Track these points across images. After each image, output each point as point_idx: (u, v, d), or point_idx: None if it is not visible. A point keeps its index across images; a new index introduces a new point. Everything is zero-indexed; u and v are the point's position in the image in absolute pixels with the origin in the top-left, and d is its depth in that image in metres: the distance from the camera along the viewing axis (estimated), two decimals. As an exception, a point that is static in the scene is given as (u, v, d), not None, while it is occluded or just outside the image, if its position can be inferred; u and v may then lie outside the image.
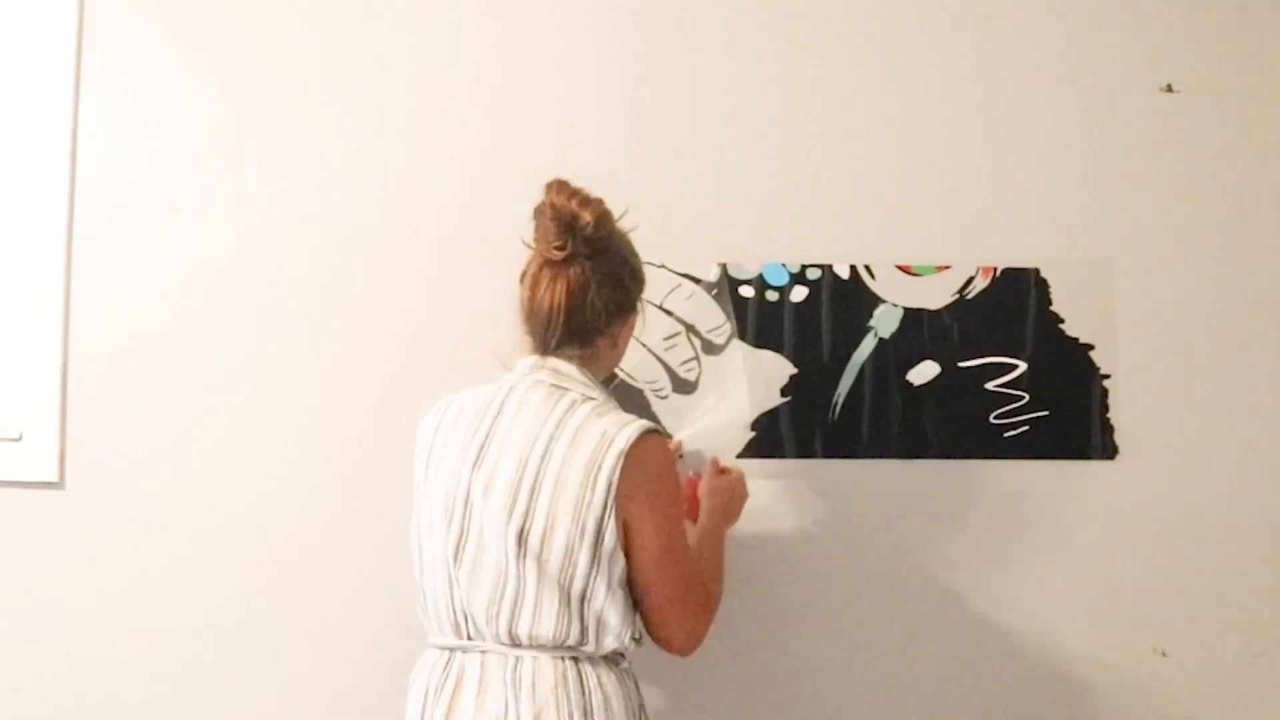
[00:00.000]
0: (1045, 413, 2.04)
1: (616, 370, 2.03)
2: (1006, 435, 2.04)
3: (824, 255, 2.05)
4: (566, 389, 1.58)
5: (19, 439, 2.02)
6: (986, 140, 2.08)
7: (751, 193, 2.07)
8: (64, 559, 2.01)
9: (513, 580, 1.50)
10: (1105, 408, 2.05)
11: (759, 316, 2.05)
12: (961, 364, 2.04)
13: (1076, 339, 2.05)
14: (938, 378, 2.04)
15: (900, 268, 2.05)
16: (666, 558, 1.53)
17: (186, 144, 2.06)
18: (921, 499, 2.03)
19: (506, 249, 2.03)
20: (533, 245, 1.62)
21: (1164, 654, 2.03)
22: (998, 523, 2.03)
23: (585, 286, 1.58)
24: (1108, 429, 2.04)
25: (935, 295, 2.05)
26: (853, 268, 2.05)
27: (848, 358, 2.04)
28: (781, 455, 2.03)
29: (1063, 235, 2.07)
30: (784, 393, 2.04)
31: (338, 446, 2.03)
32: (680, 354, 2.04)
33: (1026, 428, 2.04)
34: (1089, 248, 2.07)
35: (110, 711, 2.00)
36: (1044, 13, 2.09)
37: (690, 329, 2.04)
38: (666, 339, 2.04)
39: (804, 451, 2.03)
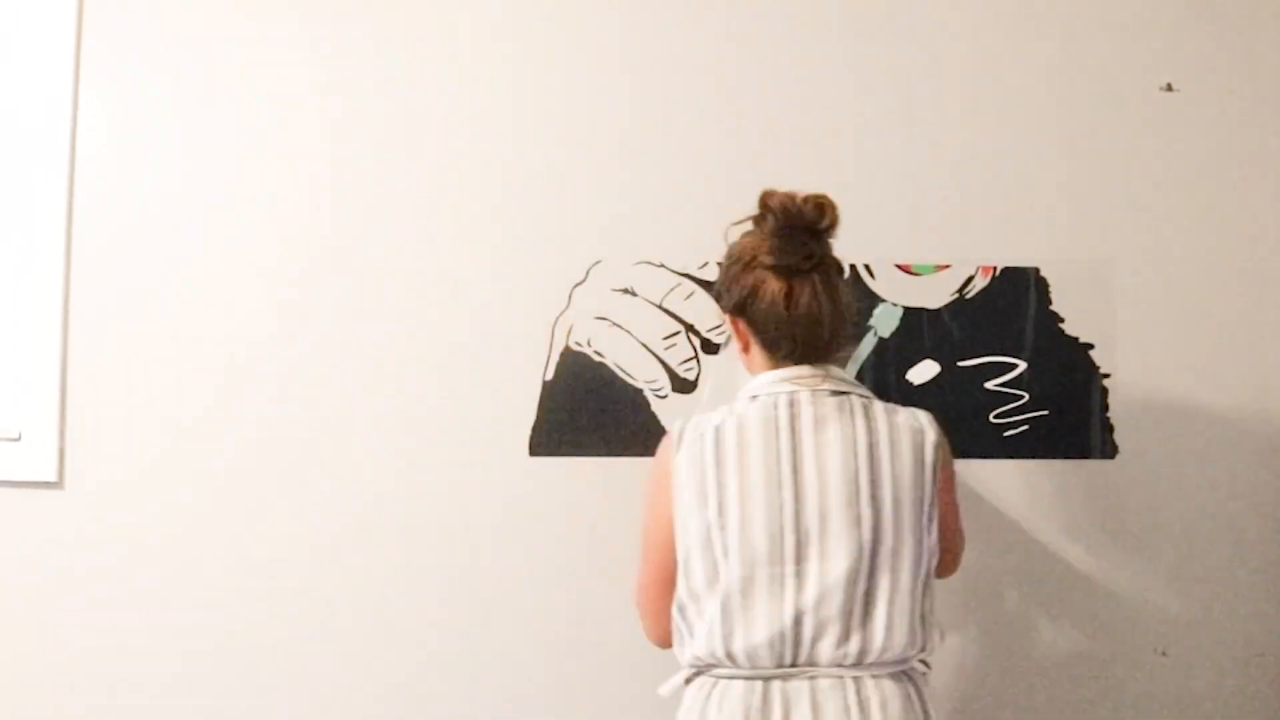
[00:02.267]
0: (1045, 412, 2.04)
1: (615, 369, 2.03)
2: (1006, 435, 2.03)
3: (824, 255, 2.05)
4: (846, 391, 1.55)
5: (18, 439, 2.01)
6: (986, 140, 2.07)
7: (751, 193, 2.05)
8: (63, 559, 2.01)
9: (862, 595, 1.47)
10: (1105, 407, 2.05)
11: (759, 316, 2.04)
12: (961, 363, 2.04)
13: (1076, 338, 2.05)
14: (938, 377, 2.04)
15: (900, 267, 2.05)
16: (957, 518, 1.67)
17: (187, 143, 2.06)
18: (921, 499, 2.03)
19: (506, 248, 2.04)
20: (766, 260, 1.54)
21: (1164, 654, 2.03)
22: (997, 522, 2.03)
23: (835, 294, 1.56)
24: (1108, 429, 2.04)
25: (935, 295, 2.05)
26: (852, 267, 2.05)
27: (847, 357, 2.04)
28: (781, 455, 2.03)
29: (1063, 235, 2.07)
30: (784, 392, 2.04)
31: (337, 446, 2.03)
32: (680, 353, 2.04)
33: (1026, 427, 2.04)
34: (1089, 248, 2.06)
35: (109, 711, 2.00)
36: (1044, 13, 2.09)
37: (690, 328, 2.04)
38: (666, 339, 2.03)
39: (804, 451, 2.03)
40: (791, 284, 1.53)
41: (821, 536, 1.48)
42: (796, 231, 1.54)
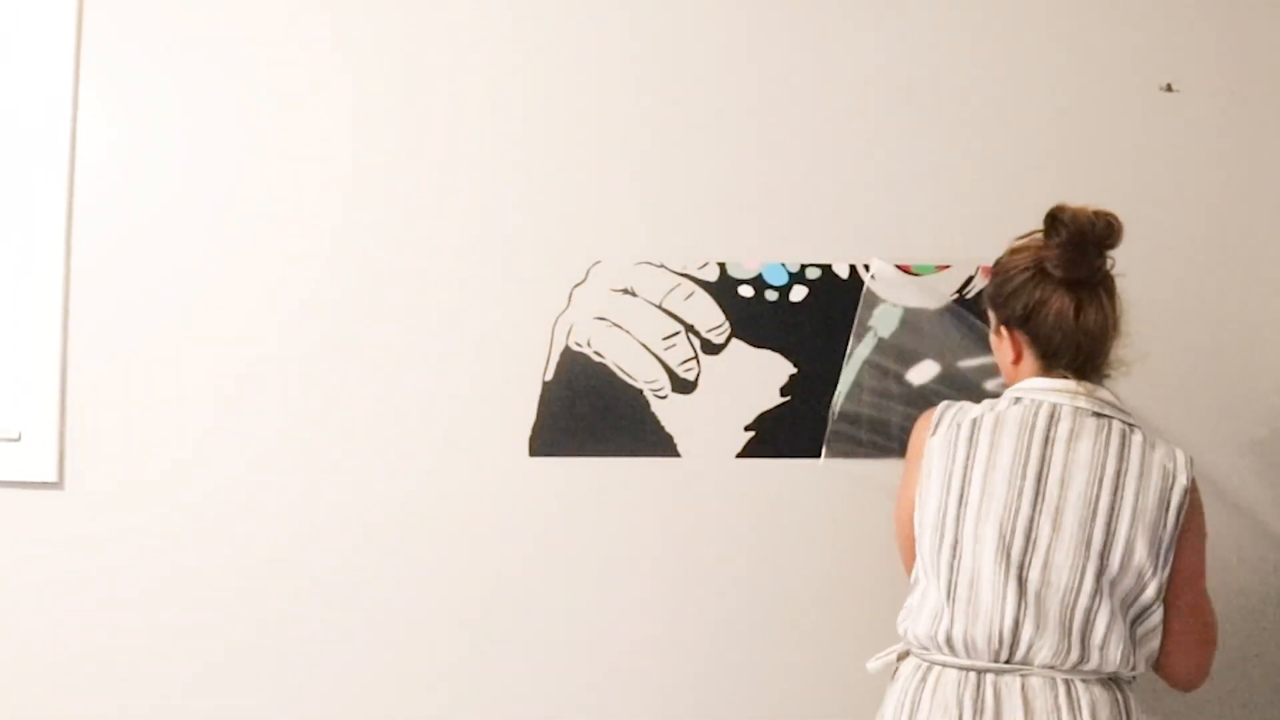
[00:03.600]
0: (1045, 412, 2.04)
1: (615, 369, 2.03)
2: (1006, 435, 2.03)
3: (824, 255, 2.05)
4: (1110, 416, 1.56)
5: (18, 439, 2.01)
6: (986, 140, 2.08)
7: (751, 193, 2.07)
8: (63, 559, 2.01)
9: (1081, 612, 1.50)
10: (1105, 408, 2.04)
11: (759, 316, 2.04)
12: (961, 363, 2.04)
13: (1076, 339, 2.05)
14: (938, 377, 2.04)
15: (900, 268, 2.05)
16: (1191, 591, 1.56)
17: (187, 143, 2.05)
18: (921, 499, 2.03)
19: (506, 248, 2.05)
20: (1055, 273, 1.57)
21: (1164, 654, 2.03)
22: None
23: (1116, 308, 1.60)
24: (1108, 429, 2.04)
25: (935, 295, 2.05)
26: (852, 268, 2.05)
27: (848, 358, 2.04)
28: (781, 455, 2.03)
29: (1063, 235, 2.06)
30: (784, 393, 2.04)
31: (337, 445, 2.03)
32: (680, 354, 2.04)
33: (1026, 427, 2.03)
34: (1089, 248, 2.06)
35: (109, 712, 2.00)
36: (1044, 12, 2.09)
37: (690, 328, 2.04)
38: (666, 339, 2.04)
39: (804, 451, 2.03)
40: (1080, 297, 1.57)
41: (1049, 548, 1.51)
42: (1087, 246, 1.57)
